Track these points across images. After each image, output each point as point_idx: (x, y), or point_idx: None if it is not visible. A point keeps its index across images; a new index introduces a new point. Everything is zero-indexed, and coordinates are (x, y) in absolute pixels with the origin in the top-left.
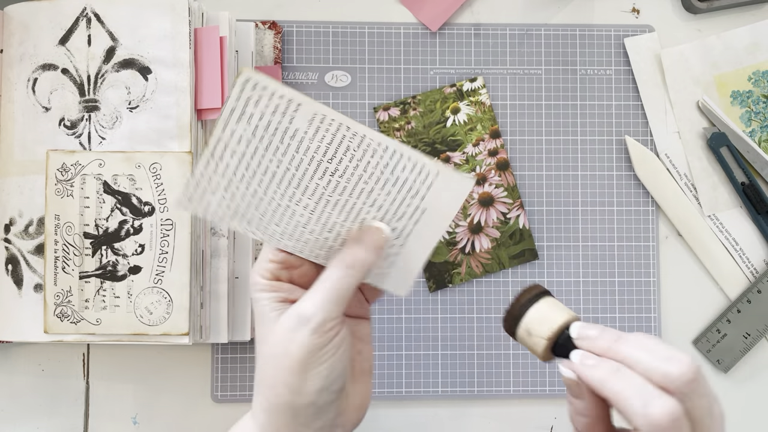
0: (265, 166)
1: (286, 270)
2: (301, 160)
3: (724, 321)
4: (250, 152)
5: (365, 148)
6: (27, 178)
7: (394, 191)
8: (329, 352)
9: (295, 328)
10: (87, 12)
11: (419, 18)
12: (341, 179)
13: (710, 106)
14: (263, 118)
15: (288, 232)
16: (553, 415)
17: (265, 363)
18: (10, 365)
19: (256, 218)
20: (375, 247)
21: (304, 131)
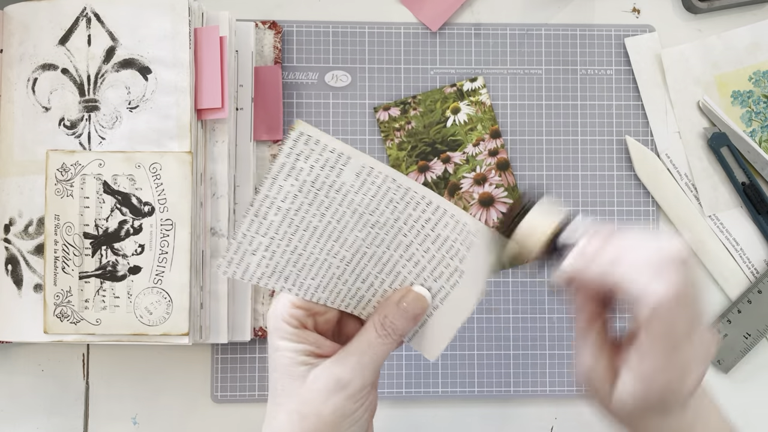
0: (308, 221)
1: (312, 317)
2: (344, 213)
3: (724, 321)
4: (295, 208)
5: (408, 201)
6: (27, 178)
7: (434, 248)
8: (359, 416)
9: (331, 391)
10: (87, 12)
11: (419, 18)
12: (381, 231)
13: (711, 106)
14: (312, 173)
15: (323, 285)
16: (553, 415)
17: (288, 418)
18: (10, 365)
19: (294, 274)
20: (415, 316)
21: (351, 184)
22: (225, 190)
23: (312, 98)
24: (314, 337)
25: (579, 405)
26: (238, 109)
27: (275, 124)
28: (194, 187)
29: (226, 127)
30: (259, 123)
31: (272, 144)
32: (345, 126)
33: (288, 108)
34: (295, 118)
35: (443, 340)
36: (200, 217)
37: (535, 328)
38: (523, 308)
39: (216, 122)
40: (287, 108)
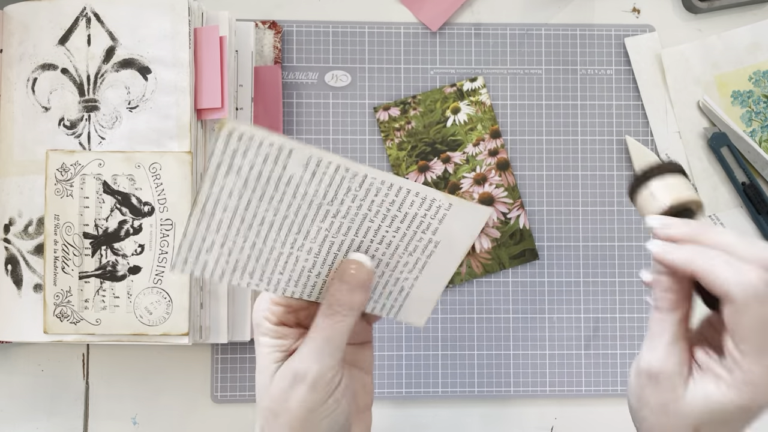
0: (261, 216)
1: (293, 314)
2: (299, 205)
3: None
4: (243, 204)
5: (368, 188)
6: (27, 178)
7: (404, 227)
8: (330, 407)
9: (291, 386)
10: (87, 12)
11: (419, 18)
12: (345, 220)
13: (711, 106)
14: (253, 169)
15: (294, 279)
16: (553, 415)
17: (264, 416)
18: (10, 365)
19: (258, 270)
20: (359, 285)
21: (300, 176)
22: None
23: (312, 98)
24: (294, 333)
25: (579, 405)
26: (238, 109)
27: (275, 124)
28: (194, 187)
29: None
30: (259, 123)
31: None
32: (345, 126)
33: (288, 108)
34: (290, 120)
35: (428, 306)
36: None
37: (535, 328)
38: (523, 308)
39: (216, 122)
40: (287, 108)
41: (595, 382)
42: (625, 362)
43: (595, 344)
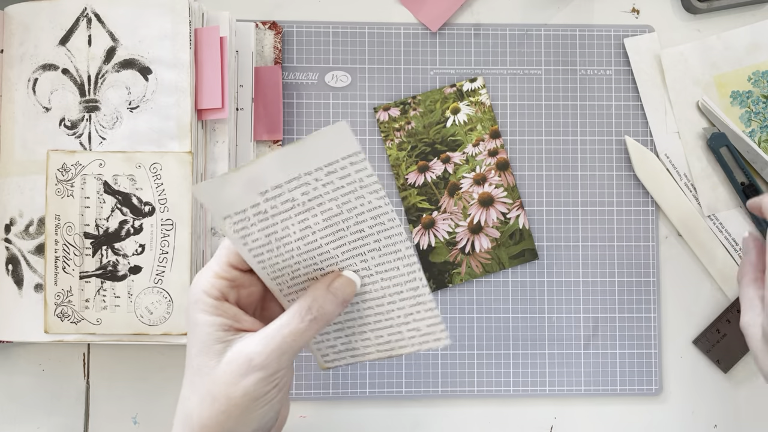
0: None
1: (235, 289)
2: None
3: (723, 321)
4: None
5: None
6: (27, 178)
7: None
8: (271, 397)
9: (242, 373)
10: (87, 12)
11: (419, 18)
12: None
13: (710, 106)
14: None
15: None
16: (553, 415)
17: (200, 399)
18: (10, 365)
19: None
20: (344, 302)
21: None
22: None
23: (312, 98)
24: (234, 311)
25: (579, 405)
26: (238, 110)
27: (275, 124)
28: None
29: (227, 128)
30: (259, 123)
31: (272, 144)
32: None
33: (288, 108)
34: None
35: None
36: (201, 217)
37: (535, 328)
38: (523, 308)
39: (216, 122)
40: (287, 108)
41: (595, 382)
42: (624, 362)
43: (595, 344)
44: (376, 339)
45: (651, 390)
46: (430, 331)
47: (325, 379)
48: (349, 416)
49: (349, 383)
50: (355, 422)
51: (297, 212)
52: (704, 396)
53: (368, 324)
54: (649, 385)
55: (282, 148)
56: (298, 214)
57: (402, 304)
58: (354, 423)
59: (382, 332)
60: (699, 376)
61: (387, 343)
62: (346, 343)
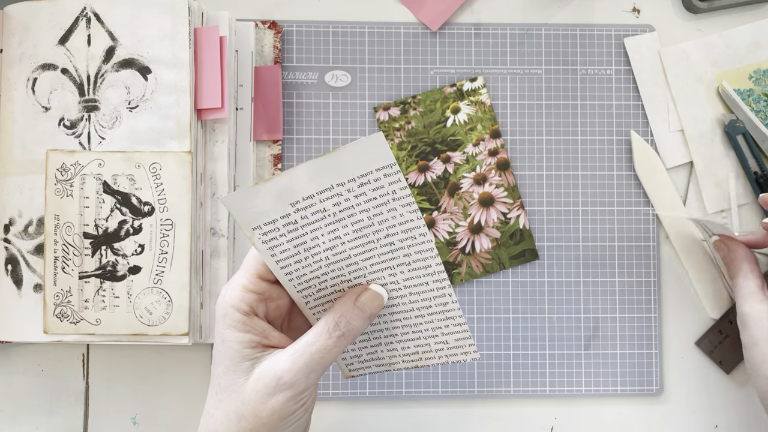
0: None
1: (264, 302)
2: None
3: (725, 322)
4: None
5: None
6: (27, 178)
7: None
8: (299, 415)
9: (270, 392)
10: (87, 12)
11: (419, 18)
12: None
13: (730, 92)
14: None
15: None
16: (553, 415)
17: (226, 417)
18: (10, 365)
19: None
20: (372, 315)
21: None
22: (225, 190)
23: (312, 98)
24: (262, 326)
25: (579, 405)
26: (238, 109)
27: (275, 124)
28: (194, 187)
29: (226, 127)
30: (259, 123)
31: (272, 144)
32: (345, 126)
33: (288, 108)
34: (290, 120)
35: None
36: (200, 217)
37: (535, 328)
38: (523, 308)
39: (216, 122)
40: (287, 108)
41: (595, 382)
42: (625, 362)
43: (595, 344)
44: (403, 350)
45: (651, 390)
46: (459, 344)
47: (325, 380)
48: (349, 416)
49: (349, 384)
50: (355, 422)
51: (327, 222)
52: (705, 396)
53: (395, 336)
54: (650, 386)
55: (315, 158)
56: (328, 224)
57: (430, 318)
58: (354, 423)
59: (409, 344)
60: (700, 376)
61: (414, 354)
62: (372, 353)
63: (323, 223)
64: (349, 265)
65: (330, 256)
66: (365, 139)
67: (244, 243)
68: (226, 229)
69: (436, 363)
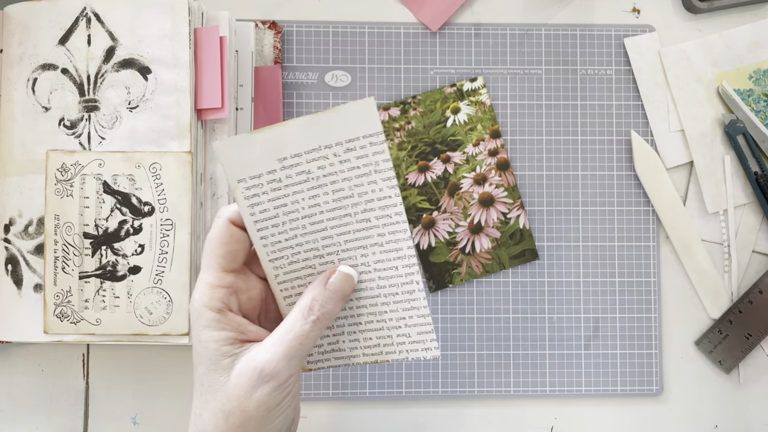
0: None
1: (234, 295)
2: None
3: (725, 322)
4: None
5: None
6: (27, 178)
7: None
8: (285, 404)
9: (254, 386)
10: (87, 12)
11: (419, 18)
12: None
13: (730, 92)
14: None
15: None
16: (553, 415)
17: (213, 416)
18: (10, 365)
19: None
20: (344, 297)
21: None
22: (225, 190)
23: (312, 98)
24: (237, 321)
25: (579, 405)
26: (238, 109)
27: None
28: (194, 187)
29: (226, 127)
30: (259, 123)
31: None
32: None
33: (288, 108)
34: None
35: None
36: (200, 217)
37: (535, 328)
38: (523, 308)
39: (216, 122)
40: (287, 108)
41: (595, 382)
42: (625, 362)
43: (595, 344)
44: (365, 341)
45: (651, 390)
46: (420, 339)
47: (325, 380)
48: (349, 416)
49: (348, 383)
50: (355, 422)
51: (310, 186)
52: (705, 396)
53: (359, 324)
54: (650, 386)
55: (309, 115)
56: (310, 188)
57: (395, 307)
58: (354, 423)
59: (371, 334)
60: (700, 376)
61: (375, 346)
62: (333, 343)
63: (306, 186)
64: (324, 238)
65: (307, 224)
66: (357, 103)
67: None
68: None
69: (396, 359)
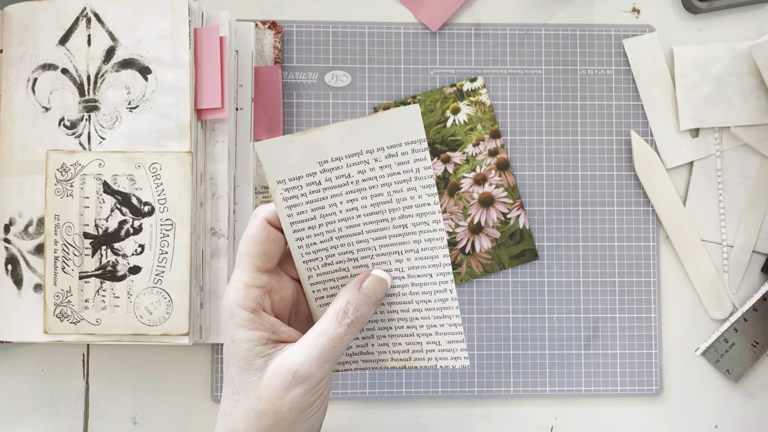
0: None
1: (268, 295)
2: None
3: (731, 330)
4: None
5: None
6: (27, 178)
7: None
8: (317, 406)
9: (287, 387)
10: (87, 12)
11: (419, 18)
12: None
13: None
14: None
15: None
16: (553, 415)
17: (245, 416)
18: (10, 365)
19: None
20: (377, 301)
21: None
22: (225, 190)
23: (312, 98)
24: (270, 321)
25: (579, 405)
26: (238, 109)
27: (275, 124)
28: (194, 187)
29: (226, 127)
30: (259, 123)
31: None
32: None
33: (288, 108)
34: (290, 120)
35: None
36: (200, 217)
37: (535, 328)
38: (523, 308)
39: (216, 122)
40: (287, 108)
41: (595, 382)
42: (625, 362)
43: (595, 344)
44: (394, 346)
45: (651, 390)
46: (450, 348)
47: None
48: (349, 416)
49: (348, 383)
50: (355, 422)
51: (348, 190)
52: (705, 396)
53: (389, 329)
54: (650, 386)
55: (352, 119)
56: (349, 192)
57: (427, 314)
58: (354, 423)
59: (401, 339)
60: (699, 376)
61: (404, 352)
62: (362, 346)
63: (345, 190)
64: (360, 242)
65: (343, 227)
66: (402, 110)
67: None
68: (226, 229)
69: (424, 366)
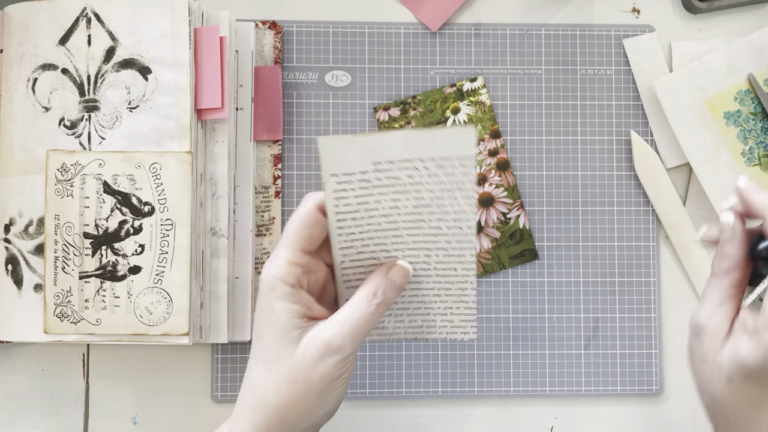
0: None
1: (306, 275)
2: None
3: None
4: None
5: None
6: (27, 178)
7: None
8: (344, 378)
9: (321, 357)
10: (87, 12)
11: (419, 18)
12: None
13: (759, 81)
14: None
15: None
16: (553, 415)
17: (277, 383)
18: (10, 365)
19: None
20: (401, 288)
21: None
22: (225, 190)
23: (312, 98)
24: (307, 298)
25: (579, 405)
26: (238, 109)
27: (275, 124)
28: (194, 187)
29: (226, 127)
30: (259, 123)
31: (272, 144)
32: (345, 126)
33: (288, 108)
34: (290, 120)
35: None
36: (200, 217)
37: (535, 328)
38: (523, 308)
39: (216, 122)
40: (287, 108)
41: (595, 382)
42: (625, 362)
43: (595, 344)
44: (410, 323)
45: (651, 390)
46: (462, 324)
47: None
48: (349, 416)
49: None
50: (355, 422)
51: (395, 191)
52: None
53: (407, 309)
54: (650, 386)
55: (411, 129)
56: (395, 192)
57: (446, 299)
58: (354, 423)
59: (416, 317)
60: None
61: (418, 327)
62: (380, 322)
63: (391, 190)
64: (395, 236)
65: (383, 222)
66: (460, 129)
67: (244, 243)
68: (226, 229)
69: (435, 338)
